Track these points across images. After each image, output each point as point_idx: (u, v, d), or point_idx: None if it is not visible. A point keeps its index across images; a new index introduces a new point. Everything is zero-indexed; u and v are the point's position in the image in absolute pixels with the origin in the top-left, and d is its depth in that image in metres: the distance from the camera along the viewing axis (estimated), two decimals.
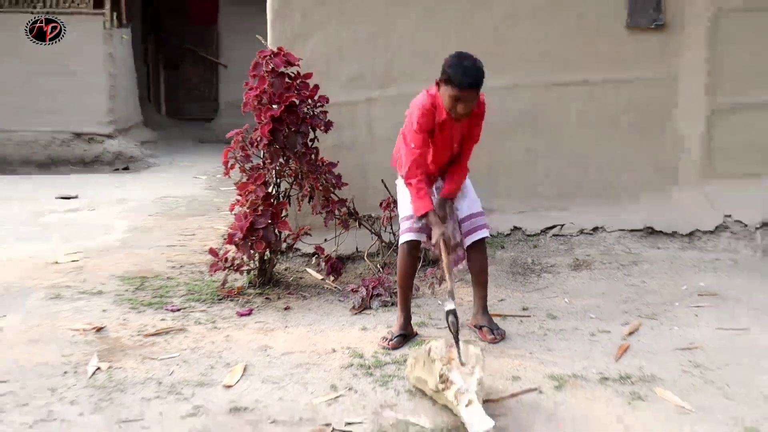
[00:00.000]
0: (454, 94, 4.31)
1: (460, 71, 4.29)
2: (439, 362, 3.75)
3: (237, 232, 5.32)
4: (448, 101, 4.37)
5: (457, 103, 4.35)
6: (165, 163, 13.06)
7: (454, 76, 4.29)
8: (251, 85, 5.47)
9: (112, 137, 13.19)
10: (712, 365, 4.19)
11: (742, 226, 6.34)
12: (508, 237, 6.42)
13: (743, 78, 6.42)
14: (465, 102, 4.35)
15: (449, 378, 3.65)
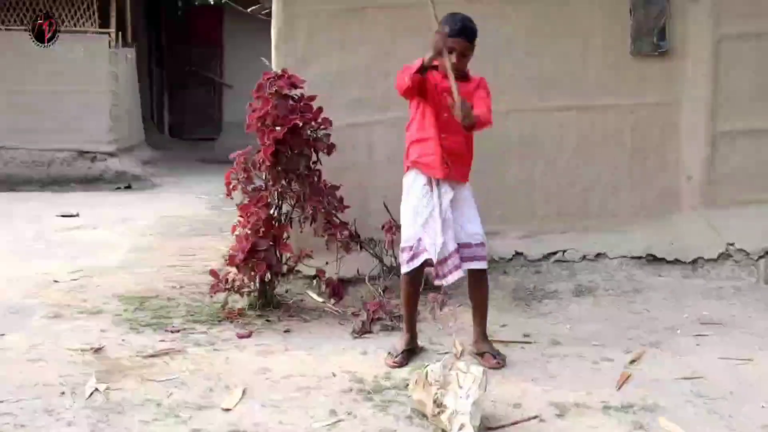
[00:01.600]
0: (448, 45, 4.39)
1: (452, 20, 4.47)
2: (435, 386, 3.76)
3: (238, 254, 5.31)
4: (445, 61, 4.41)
5: (450, 56, 4.41)
6: (167, 183, 13.07)
7: (447, 24, 4.44)
8: (255, 106, 5.48)
9: (114, 156, 13.23)
10: (715, 395, 4.15)
11: (745, 255, 6.31)
12: (510, 262, 6.39)
13: (746, 104, 6.43)
14: (456, 53, 4.47)
15: (443, 402, 3.70)
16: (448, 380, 3.81)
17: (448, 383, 3.80)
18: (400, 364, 4.56)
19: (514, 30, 6.43)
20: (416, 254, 4.64)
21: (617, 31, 6.43)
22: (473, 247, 4.69)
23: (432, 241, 4.58)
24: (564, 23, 6.44)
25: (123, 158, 13.35)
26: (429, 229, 4.60)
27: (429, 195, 4.64)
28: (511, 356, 4.74)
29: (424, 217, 4.61)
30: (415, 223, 4.65)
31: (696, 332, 5.19)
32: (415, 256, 4.64)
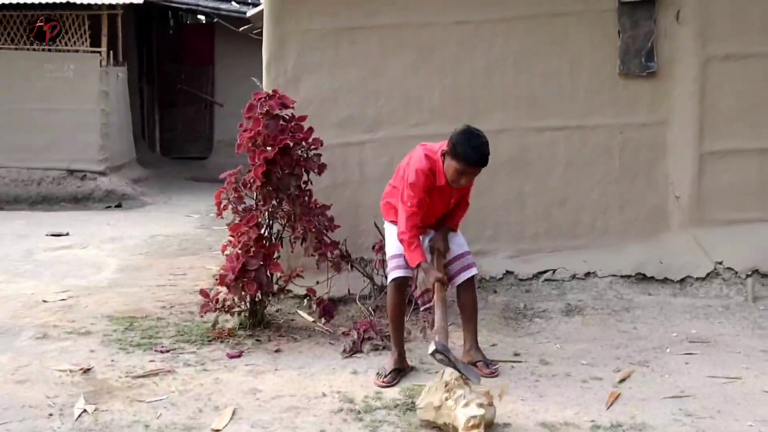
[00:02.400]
0: (461, 169, 4.44)
1: (469, 149, 4.41)
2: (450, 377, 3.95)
3: (229, 273, 5.31)
4: (452, 174, 4.49)
5: (461, 177, 4.49)
6: (158, 202, 13.07)
7: (463, 153, 4.40)
8: (246, 126, 5.50)
9: (104, 174, 13.22)
10: (703, 414, 4.16)
11: (733, 273, 6.34)
12: (501, 281, 6.42)
13: (732, 124, 6.47)
14: (469, 176, 4.52)
15: (453, 388, 3.87)
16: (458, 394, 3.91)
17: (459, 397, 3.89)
18: (388, 383, 4.58)
19: (504, 50, 6.48)
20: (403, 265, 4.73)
21: (606, 52, 6.49)
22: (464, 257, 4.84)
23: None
24: (554, 44, 6.49)
25: (113, 177, 13.34)
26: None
27: None
28: (502, 375, 4.75)
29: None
30: None
31: (684, 351, 5.20)
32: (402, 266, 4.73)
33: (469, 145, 4.42)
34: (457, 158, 4.43)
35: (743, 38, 6.43)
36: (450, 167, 4.50)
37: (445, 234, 4.84)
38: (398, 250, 4.73)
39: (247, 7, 15.11)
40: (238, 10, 15.38)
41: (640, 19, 6.44)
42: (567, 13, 6.48)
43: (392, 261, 4.78)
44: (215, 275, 6.44)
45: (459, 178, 4.50)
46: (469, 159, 4.41)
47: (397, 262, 4.74)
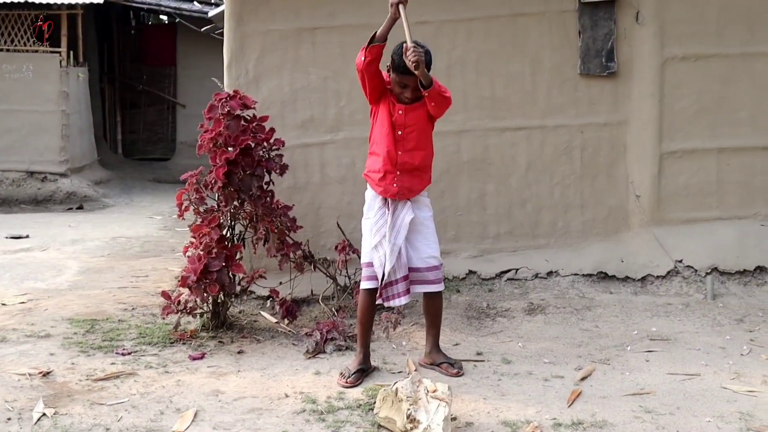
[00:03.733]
0: (399, 80, 4.49)
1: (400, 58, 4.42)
2: (406, 402, 3.83)
3: (190, 275, 5.28)
4: (395, 86, 4.53)
5: (403, 90, 4.51)
6: (120, 203, 12.97)
7: (398, 63, 4.43)
8: (207, 127, 5.47)
9: (65, 176, 13.10)
10: (663, 410, 4.21)
11: (693, 271, 6.42)
12: (463, 281, 6.45)
13: (691, 124, 6.56)
14: (410, 88, 4.50)
15: (416, 418, 3.78)
16: (417, 396, 3.89)
17: (418, 399, 3.87)
18: (351, 384, 4.57)
19: (465, 51, 6.51)
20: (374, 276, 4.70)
21: (567, 53, 6.53)
22: (423, 272, 4.78)
23: (380, 264, 4.66)
24: (515, 44, 6.53)
25: (74, 178, 13.22)
26: (380, 252, 4.67)
27: (384, 218, 4.69)
28: (464, 375, 4.77)
29: (377, 239, 4.67)
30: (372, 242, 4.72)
31: (645, 348, 5.26)
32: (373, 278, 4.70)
33: (400, 54, 4.43)
34: (395, 69, 4.48)
35: (700, 39, 6.52)
36: (392, 81, 4.54)
37: None
38: (367, 258, 4.72)
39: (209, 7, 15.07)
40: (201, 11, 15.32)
41: (600, 19, 6.49)
42: (528, 13, 6.52)
43: (367, 269, 4.74)
44: (177, 277, 6.41)
45: (402, 91, 4.52)
46: (405, 68, 4.38)
47: (371, 272, 4.72)
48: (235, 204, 5.51)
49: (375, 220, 4.71)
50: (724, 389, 4.51)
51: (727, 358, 5.05)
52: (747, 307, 6.07)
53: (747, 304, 6.15)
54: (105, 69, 16.94)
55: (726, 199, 6.62)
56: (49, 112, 13.07)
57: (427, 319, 4.96)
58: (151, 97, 17.37)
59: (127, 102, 17.45)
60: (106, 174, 14.62)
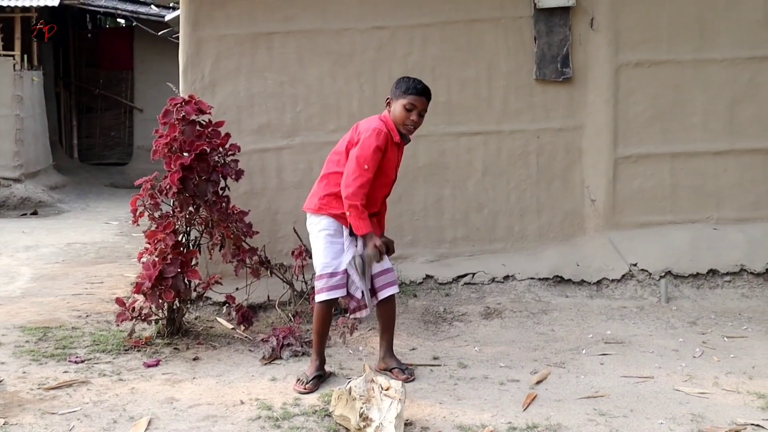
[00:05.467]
0: (407, 102, 4.60)
1: (411, 82, 4.66)
2: (359, 401, 3.88)
3: (145, 281, 5.23)
4: (401, 113, 4.62)
5: (410, 113, 4.61)
6: (76, 209, 12.82)
7: (407, 86, 4.63)
8: (161, 132, 5.43)
9: (19, 181, 12.93)
10: (616, 413, 4.24)
11: (647, 275, 6.49)
12: (420, 285, 6.46)
13: (645, 129, 6.65)
14: (417, 111, 4.63)
15: (368, 416, 3.83)
16: (371, 394, 3.93)
17: (371, 397, 3.92)
18: (310, 390, 4.56)
19: (422, 56, 6.54)
20: (336, 287, 4.68)
21: (522, 58, 6.59)
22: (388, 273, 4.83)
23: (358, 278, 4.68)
24: (471, 50, 6.57)
25: (28, 184, 13.04)
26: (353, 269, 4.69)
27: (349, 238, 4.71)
28: (420, 379, 4.77)
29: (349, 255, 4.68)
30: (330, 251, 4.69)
31: (600, 351, 5.30)
32: (335, 287, 4.68)
33: (409, 79, 4.70)
34: (403, 93, 4.63)
35: (654, 46, 6.61)
36: (398, 108, 4.64)
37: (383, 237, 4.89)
38: (329, 268, 4.68)
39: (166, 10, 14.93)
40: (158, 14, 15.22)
41: (556, 26, 6.55)
42: (484, 19, 6.57)
43: (329, 280, 4.69)
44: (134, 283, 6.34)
45: (408, 115, 4.62)
46: (414, 89, 4.63)
47: (333, 282, 4.67)
48: (191, 209, 5.47)
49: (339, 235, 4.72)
50: (677, 391, 4.56)
51: (680, 360, 5.11)
52: (700, 310, 6.15)
53: (700, 306, 6.24)
54: (60, 73, 16.76)
55: (679, 203, 6.71)
56: (3, 117, 12.91)
57: (381, 323, 4.96)
58: (108, 101, 17.22)
59: (83, 106, 17.28)
60: (61, 179, 14.45)
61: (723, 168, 6.70)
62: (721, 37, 6.64)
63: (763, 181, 6.71)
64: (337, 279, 4.67)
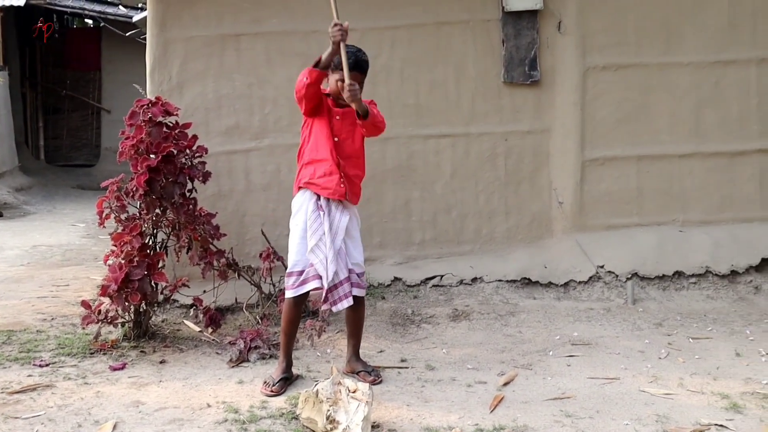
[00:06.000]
0: (340, 77, 4.47)
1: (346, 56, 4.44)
2: (326, 404, 3.89)
3: (111, 284, 5.18)
4: (333, 86, 4.56)
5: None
6: (42, 211, 12.68)
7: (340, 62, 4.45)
8: (128, 134, 5.39)
9: None
10: (582, 414, 4.27)
11: (614, 277, 6.53)
12: (389, 288, 6.46)
13: (612, 132, 6.70)
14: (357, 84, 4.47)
15: (335, 419, 3.84)
16: (338, 397, 3.94)
17: (338, 400, 3.92)
18: (276, 392, 4.55)
19: (390, 58, 6.55)
20: (305, 281, 4.64)
21: (491, 61, 6.62)
22: (355, 275, 4.76)
23: (323, 267, 4.57)
24: (439, 52, 6.59)
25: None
26: (320, 254, 4.59)
27: (319, 219, 4.61)
28: (388, 382, 4.77)
29: (314, 241, 4.59)
30: (303, 247, 4.64)
31: (567, 353, 5.33)
32: (304, 282, 4.64)
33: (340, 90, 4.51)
34: (336, 68, 4.51)
35: (620, 49, 6.67)
36: (331, 82, 4.57)
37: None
38: (299, 266, 4.66)
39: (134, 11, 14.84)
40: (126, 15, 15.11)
41: (524, 29, 6.58)
42: (452, 22, 6.59)
43: (291, 277, 4.68)
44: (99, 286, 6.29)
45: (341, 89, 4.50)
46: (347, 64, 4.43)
47: (297, 279, 4.66)
48: (157, 212, 5.44)
49: (310, 222, 4.61)
50: (642, 392, 4.59)
51: (645, 361, 5.15)
52: (665, 312, 6.21)
53: (665, 308, 6.29)
54: (27, 73, 16.59)
55: (646, 205, 6.77)
56: None
57: (349, 326, 4.94)
58: (75, 102, 17.06)
59: (49, 107, 17.11)
60: (27, 180, 14.30)
61: (688, 171, 6.77)
62: (686, 41, 6.71)
63: (727, 183, 6.79)
64: (304, 274, 4.65)
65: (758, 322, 5.92)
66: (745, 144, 6.77)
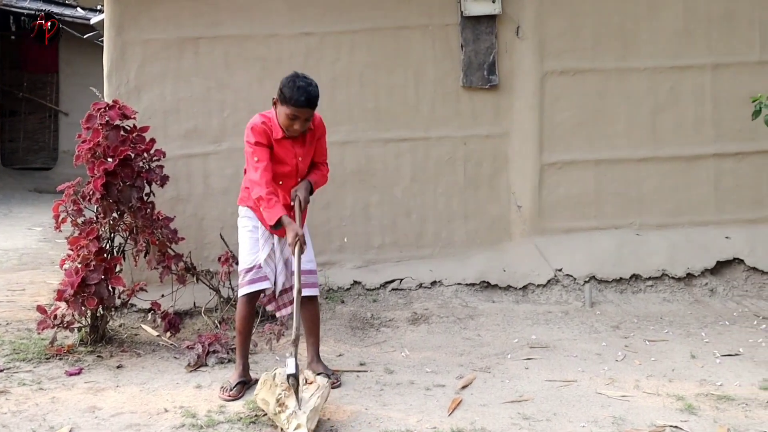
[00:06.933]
0: (290, 113, 4.47)
1: (296, 91, 4.44)
2: (280, 387, 4.02)
3: (68, 288, 5.13)
4: (284, 120, 4.52)
5: (293, 122, 4.51)
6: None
7: (290, 96, 4.45)
8: (84, 137, 5.35)
9: None
10: (540, 417, 4.29)
11: (572, 280, 6.59)
12: (348, 291, 6.46)
13: (570, 136, 6.76)
14: (300, 120, 4.51)
15: (285, 402, 3.96)
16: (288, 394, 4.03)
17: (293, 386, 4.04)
18: (234, 397, 4.53)
19: (350, 62, 6.56)
20: (256, 280, 4.68)
21: (450, 65, 6.65)
22: (311, 275, 4.79)
23: (273, 277, 4.70)
24: (398, 56, 6.60)
25: None
26: (271, 263, 4.71)
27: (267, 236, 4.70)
28: (347, 385, 4.77)
29: (266, 251, 4.68)
30: (254, 249, 4.70)
31: (525, 356, 5.36)
32: (254, 281, 4.68)
33: (295, 87, 4.46)
34: (285, 102, 4.48)
35: (578, 55, 6.73)
36: (281, 114, 4.54)
37: (305, 185, 4.76)
38: (251, 263, 4.68)
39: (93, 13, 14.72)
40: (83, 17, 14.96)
41: (482, 33, 6.62)
42: (411, 26, 6.61)
43: (246, 275, 4.70)
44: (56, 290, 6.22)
45: (291, 123, 4.52)
46: (296, 101, 4.44)
47: (250, 276, 4.68)
48: (114, 216, 5.40)
49: (261, 231, 4.70)
50: (599, 394, 4.63)
51: (602, 364, 5.20)
52: (623, 314, 6.27)
53: (623, 311, 6.35)
54: None
55: (604, 209, 6.83)
56: None
57: (306, 327, 4.93)
58: (32, 105, 16.85)
59: (6, 110, 16.87)
60: None
61: (646, 175, 6.84)
62: (643, 46, 6.79)
63: (683, 187, 6.87)
64: (254, 272, 4.68)
65: (713, 325, 6.01)
66: (700, 148, 6.86)
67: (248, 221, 4.76)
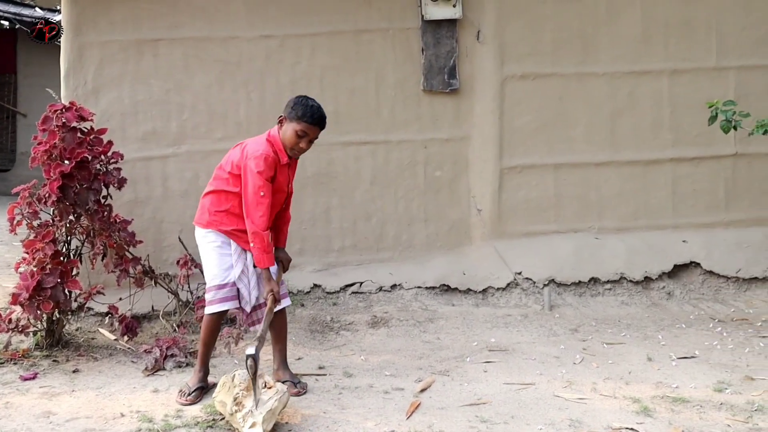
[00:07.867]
0: (300, 129, 4.50)
1: (308, 109, 4.52)
2: (238, 388, 4.04)
3: (23, 292, 5.07)
4: (292, 137, 4.53)
5: (300, 140, 4.53)
6: None
7: (303, 113, 4.50)
8: (41, 139, 5.28)
9: None
10: (498, 420, 4.31)
11: (532, 283, 6.63)
12: (308, 294, 6.45)
13: (529, 140, 6.80)
14: (307, 139, 4.57)
15: (242, 402, 4.00)
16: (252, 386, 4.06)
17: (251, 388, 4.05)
18: (192, 401, 4.50)
19: (310, 65, 6.54)
20: (228, 298, 4.64)
21: (410, 69, 6.66)
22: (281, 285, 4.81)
23: (248, 293, 4.68)
24: (359, 60, 6.60)
25: None
26: (245, 279, 4.68)
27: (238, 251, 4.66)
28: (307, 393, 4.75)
29: (239, 268, 4.64)
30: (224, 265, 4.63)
31: (484, 359, 5.38)
32: (226, 299, 4.63)
33: (308, 105, 4.54)
34: (297, 119, 4.51)
35: (538, 59, 6.77)
36: (289, 131, 4.54)
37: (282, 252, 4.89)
38: (223, 280, 4.62)
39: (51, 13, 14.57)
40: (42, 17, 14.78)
41: (443, 37, 6.64)
42: (372, 29, 6.61)
43: (218, 291, 4.62)
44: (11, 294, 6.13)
45: (298, 141, 4.54)
46: (310, 118, 4.51)
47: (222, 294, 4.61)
48: (71, 218, 5.35)
49: (234, 246, 4.65)
50: (557, 397, 4.66)
51: (560, 366, 5.23)
52: (581, 317, 6.31)
53: (581, 314, 6.40)
54: None
55: (563, 212, 6.88)
56: None
57: (273, 335, 4.91)
58: None
59: None
60: None
61: (605, 179, 6.90)
62: (602, 51, 6.85)
63: (642, 191, 6.94)
64: (226, 290, 4.62)
65: (670, 327, 6.07)
66: (658, 153, 6.93)
67: (216, 236, 4.67)
